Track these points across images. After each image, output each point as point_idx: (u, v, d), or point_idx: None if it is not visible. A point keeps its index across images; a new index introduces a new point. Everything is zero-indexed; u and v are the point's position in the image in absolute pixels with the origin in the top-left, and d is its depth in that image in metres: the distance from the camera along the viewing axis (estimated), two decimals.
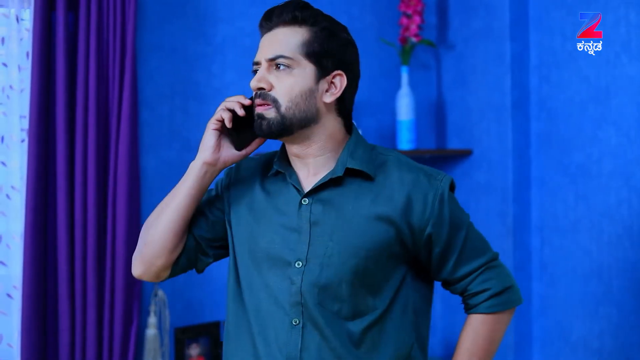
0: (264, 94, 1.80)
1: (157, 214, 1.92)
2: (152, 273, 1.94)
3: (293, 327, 1.81)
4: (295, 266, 1.82)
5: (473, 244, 1.91)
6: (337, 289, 1.81)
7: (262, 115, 1.81)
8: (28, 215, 3.09)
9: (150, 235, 1.90)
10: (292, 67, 1.80)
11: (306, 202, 1.84)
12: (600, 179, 3.21)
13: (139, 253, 1.93)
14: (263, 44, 1.84)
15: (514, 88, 3.51)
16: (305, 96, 1.81)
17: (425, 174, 1.88)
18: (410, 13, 3.75)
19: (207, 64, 3.56)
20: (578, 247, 3.31)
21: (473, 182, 3.72)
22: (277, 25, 1.83)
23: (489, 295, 1.90)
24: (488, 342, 1.92)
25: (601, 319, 3.20)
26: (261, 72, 1.82)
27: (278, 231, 1.85)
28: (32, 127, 3.10)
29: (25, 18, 3.20)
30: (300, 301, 1.81)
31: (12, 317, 3.19)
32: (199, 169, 1.88)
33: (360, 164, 1.85)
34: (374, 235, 1.82)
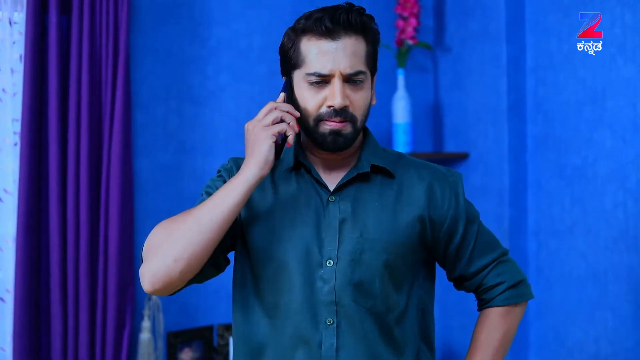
0: (345, 112, 1.75)
1: (192, 227, 1.72)
2: (170, 287, 1.76)
3: (327, 326, 1.79)
4: (327, 265, 1.79)
5: (486, 238, 1.94)
6: (370, 285, 1.81)
7: (339, 131, 1.75)
8: (20, 218, 3.08)
9: (185, 250, 1.71)
10: (364, 81, 1.78)
11: (333, 200, 1.83)
12: (596, 182, 3.19)
13: (163, 268, 1.72)
14: (334, 55, 1.74)
15: (510, 90, 3.49)
16: (369, 106, 1.83)
17: (438, 170, 1.93)
18: (406, 15, 3.74)
19: (202, 66, 3.55)
20: (574, 251, 3.29)
21: (469, 186, 3.70)
22: (343, 32, 1.75)
23: (505, 288, 1.92)
24: (504, 335, 1.93)
25: (597, 323, 3.18)
26: (341, 88, 1.73)
27: (305, 230, 1.81)
28: (24, 130, 3.09)
29: (18, 21, 3.19)
30: (335, 300, 1.79)
31: (4, 320, 3.18)
32: (255, 183, 1.73)
33: (383, 162, 1.87)
34: (402, 230, 1.83)
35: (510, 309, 1.93)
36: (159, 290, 1.76)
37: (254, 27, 3.65)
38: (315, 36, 1.76)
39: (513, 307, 1.94)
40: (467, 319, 3.68)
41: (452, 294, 3.82)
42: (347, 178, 1.84)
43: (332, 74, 1.74)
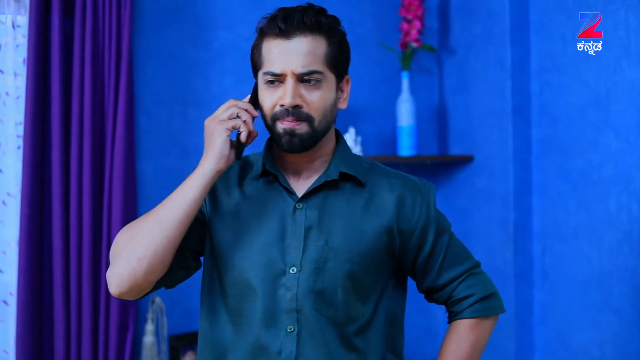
0: (297, 112, 1.73)
1: (153, 225, 1.73)
2: (137, 290, 1.76)
3: (288, 334, 1.78)
4: (290, 272, 1.78)
5: (456, 250, 1.92)
6: (332, 294, 1.79)
7: (292, 131, 1.74)
8: (23, 222, 3.08)
9: (147, 249, 1.71)
10: (321, 80, 1.76)
11: (300, 207, 1.81)
12: (601, 185, 3.17)
13: (128, 269, 1.72)
14: (285, 54, 1.74)
15: (514, 93, 3.47)
16: (331, 107, 1.80)
17: (411, 181, 1.90)
18: (410, 18, 3.73)
19: (206, 70, 3.55)
20: (578, 254, 3.27)
21: (474, 189, 3.69)
22: (298, 31, 1.74)
23: (474, 301, 1.90)
24: (472, 348, 1.91)
25: (602, 327, 3.16)
26: (293, 88, 1.73)
27: (270, 237, 1.80)
28: (27, 133, 3.09)
29: (21, 24, 3.20)
30: (297, 307, 1.77)
31: (8, 323, 3.19)
32: (211, 178, 1.74)
33: (353, 170, 1.85)
34: (367, 240, 1.81)
35: (479, 321, 1.91)
36: (126, 292, 1.76)
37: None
38: (271, 36, 1.76)
39: (483, 320, 1.92)
40: None
41: None
42: (315, 185, 1.82)
43: (284, 73, 1.74)
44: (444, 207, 3.89)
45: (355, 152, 3.64)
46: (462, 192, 3.76)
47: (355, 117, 3.80)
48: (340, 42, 1.81)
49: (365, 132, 3.82)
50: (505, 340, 3.47)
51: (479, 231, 3.66)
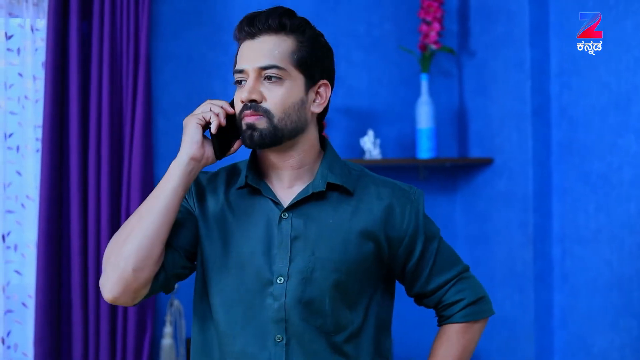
0: (255, 105, 1.73)
1: (135, 222, 1.73)
2: (130, 292, 1.73)
3: (277, 343, 1.76)
4: (277, 282, 1.77)
5: (445, 256, 1.91)
6: (320, 304, 1.78)
7: (253, 125, 1.74)
8: (42, 224, 3.11)
9: (132, 246, 1.70)
10: (283, 77, 1.74)
11: (286, 217, 1.80)
12: (621, 188, 3.14)
13: (117, 271, 1.71)
14: (248, 52, 1.76)
15: (534, 95, 3.45)
16: (296, 107, 1.77)
17: (400, 188, 1.89)
18: (429, 20, 3.71)
19: (224, 73, 3.55)
20: (599, 258, 3.24)
21: (494, 192, 3.67)
22: (262, 32, 1.75)
23: (464, 305, 1.90)
24: (462, 351, 1.90)
25: (622, 331, 3.13)
26: (251, 83, 1.73)
27: (257, 246, 1.79)
28: (45, 136, 3.12)
29: (40, 28, 3.22)
30: (285, 317, 1.76)
31: (26, 325, 3.21)
32: (186, 165, 1.74)
33: (340, 179, 1.83)
34: (355, 249, 1.80)
35: (469, 325, 1.91)
36: (119, 297, 1.74)
37: None
38: (241, 39, 1.79)
39: (472, 324, 1.91)
40: (493, 327, 3.65)
41: None
42: (301, 196, 1.80)
43: (246, 70, 1.75)
44: (464, 210, 3.87)
45: (374, 155, 3.65)
46: (482, 195, 3.74)
47: (374, 119, 3.79)
48: (312, 43, 1.79)
49: (385, 135, 3.81)
50: (525, 343, 3.44)
51: (499, 234, 3.63)
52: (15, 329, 3.21)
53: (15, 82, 3.22)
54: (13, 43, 3.23)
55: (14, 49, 3.22)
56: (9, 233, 3.19)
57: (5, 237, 3.17)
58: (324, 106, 1.83)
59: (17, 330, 3.21)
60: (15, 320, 3.21)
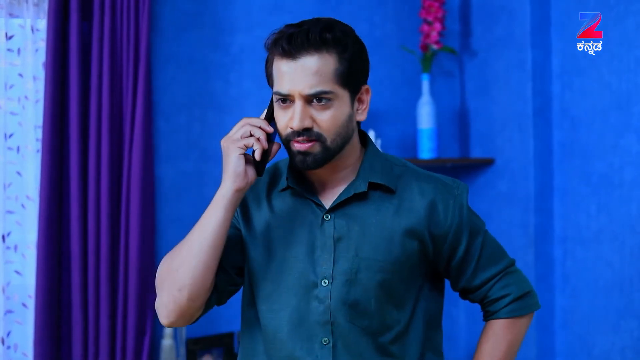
0: (308, 132, 1.70)
1: (186, 254, 1.74)
2: (187, 317, 1.78)
3: (323, 346, 1.76)
4: (322, 284, 1.77)
5: (491, 250, 1.90)
6: (366, 305, 1.78)
7: (305, 152, 1.71)
8: (41, 224, 3.10)
9: (185, 277, 1.73)
10: (332, 99, 1.70)
11: (328, 218, 1.79)
12: (622, 189, 3.13)
13: (171, 299, 1.74)
14: (291, 75, 1.69)
15: (535, 95, 3.44)
16: (346, 124, 1.74)
17: (443, 183, 1.86)
18: (431, 20, 3.71)
19: (225, 74, 3.55)
20: (600, 259, 3.23)
21: (495, 192, 3.66)
22: (303, 51, 1.69)
23: (510, 301, 1.88)
24: (509, 347, 1.89)
25: (623, 332, 3.12)
26: (300, 110, 1.69)
27: (300, 250, 1.79)
28: (45, 137, 3.11)
29: (40, 28, 3.22)
30: (330, 320, 1.76)
31: (27, 326, 3.21)
32: (232, 197, 1.74)
33: (382, 178, 1.81)
34: (399, 248, 1.78)
35: (515, 320, 1.89)
36: (176, 321, 1.78)
37: None
38: (277, 56, 1.72)
39: (518, 319, 1.90)
40: None
41: None
42: (343, 197, 1.79)
43: (292, 94, 1.70)
44: None
45: None
46: (483, 196, 3.73)
47: (376, 119, 3.79)
48: (353, 55, 1.74)
49: (386, 135, 3.80)
50: (526, 344, 3.43)
51: (500, 235, 3.61)
52: (15, 329, 3.20)
53: (16, 83, 3.21)
54: (13, 43, 3.22)
55: (15, 49, 3.22)
56: (9, 233, 3.19)
57: (6, 237, 3.17)
58: (367, 111, 1.81)
59: (17, 330, 3.21)
60: (15, 320, 3.21)
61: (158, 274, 1.80)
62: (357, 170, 1.83)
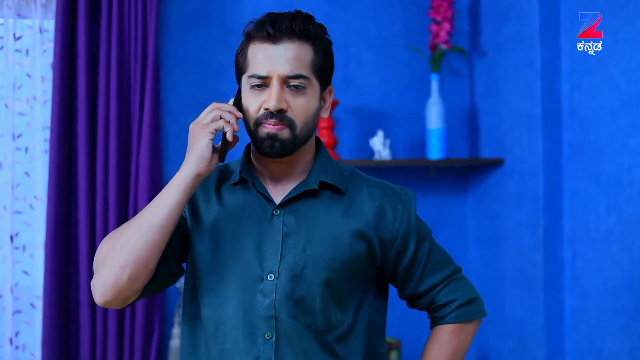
0: (281, 115, 1.72)
1: (134, 233, 1.72)
2: (122, 298, 1.74)
3: (266, 341, 1.76)
4: (268, 279, 1.76)
5: (437, 257, 1.90)
6: (310, 302, 1.77)
7: (275, 135, 1.72)
8: (49, 225, 3.11)
9: (129, 256, 1.70)
10: (306, 87, 1.74)
11: (278, 214, 1.79)
12: (632, 189, 3.11)
13: (111, 277, 1.71)
14: (271, 57, 1.72)
15: (544, 95, 3.42)
16: (314, 116, 1.78)
17: (392, 189, 1.89)
18: (439, 20, 3.69)
19: (233, 75, 3.51)
20: (609, 260, 3.21)
21: (505, 192, 3.64)
22: (285, 37, 1.73)
23: (456, 306, 1.89)
24: (454, 352, 1.89)
25: (632, 334, 3.10)
26: (278, 91, 1.71)
27: (247, 243, 1.78)
28: (53, 137, 3.12)
29: (48, 29, 3.23)
30: (274, 314, 1.76)
31: (35, 326, 3.22)
32: (191, 181, 1.71)
33: (333, 178, 1.83)
34: (346, 248, 1.79)
35: (461, 326, 1.89)
36: (111, 301, 1.75)
37: None
38: (258, 41, 1.75)
39: (465, 325, 1.90)
40: (503, 329, 3.62)
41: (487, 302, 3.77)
42: (294, 193, 1.80)
43: (270, 76, 1.72)
44: (474, 211, 3.85)
45: (384, 156, 3.63)
46: (493, 196, 3.71)
47: (384, 120, 3.78)
48: (326, 50, 1.80)
49: (394, 136, 3.79)
50: (535, 345, 3.42)
51: (509, 235, 3.61)
52: (24, 329, 3.22)
53: (24, 83, 3.23)
54: (22, 44, 3.24)
55: (23, 50, 3.23)
56: (17, 234, 3.20)
57: (14, 237, 3.18)
58: (329, 111, 1.84)
59: (25, 330, 3.22)
60: (24, 320, 3.22)
61: (98, 252, 1.77)
62: (309, 169, 1.85)
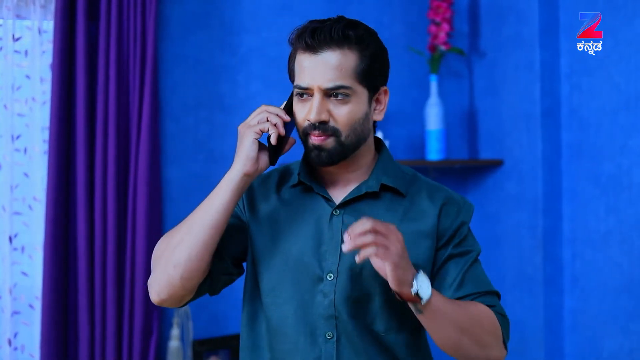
0: (323, 126, 1.72)
1: (186, 232, 1.74)
2: (178, 297, 1.78)
3: (327, 340, 1.76)
4: (327, 279, 1.76)
5: (480, 273, 1.83)
6: (369, 302, 1.77)
7: (319, 146, 1.73)
8: (48, 226, 3.11)
9: (181, 255, 1.73)
10: (350, 95, 1.72)
11: (337, 213, 1.80)
12: (631, 190, 3.10)
13: (165, 276, 1.75)
14: (312, 69, 1.72)
15: (543, 96, 3.42)
16: (362, 121, 1.76)
17: (452, 195, 1.88)
18: (439, 21, 3.69)
19: (233, 75, 3.55)
20: (609, 261, 3.20)
21: (504, 194, 3.64)
22: (325, 46, 1.72)
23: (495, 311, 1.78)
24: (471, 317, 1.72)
25: (632, 335, 3.10)
26: (318, 103, 1.71)
27: (307, 243, 1.79)
28: (52, 138, 3.12)
29: (47, 30, 3.22)
30: (335, 314, 1.76)
31: (33, 327, 3.21)
32: (239, 181, 1.74)
33: (394, 181, 1.82)
34: (406, 247, 1.72)
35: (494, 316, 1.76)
36: (166, 300, 1.78)
37: (285, 35, 3.57)
38: (300, 50, 1.75)
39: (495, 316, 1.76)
40: None
41: None
42: (354, 194, 1.80)
43: (311, 87, 1.72)
44: (474, 212, 3.84)
45: None
46: (492, 197, 3.71)
47: (383, 121, 3.77)
48: (374, 54, 1.76)
49: (394, 136, 3.79)
50: (535, 346, 3.41)
51: (509, 237, 3.61)
52: (22, 330, 3.21)
53: (23, 84, 3.22)
54: (21, 45, 3.23)
55: (22, 50, 3.22)
56: (16, 235, 3.19)
57: (13, 238, 3.17)
58: (384, 112, 1.83)
59: (24, 331, 3.21)
60: (22, 321, 3.21)
61: (155, 251, 1.81)
62: (370, 171, 1.84)
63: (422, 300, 1.62)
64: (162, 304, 1.79)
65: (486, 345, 1.73)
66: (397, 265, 1.58)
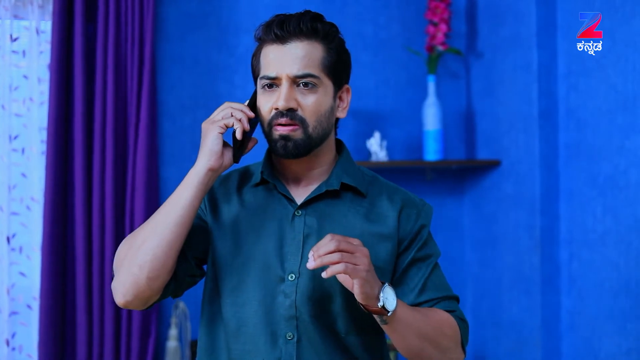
0: (291, 114, 1.73)
1: (150, 232, 1.72)
2: (144, 298, 1.74)
3: (288, 341, 1.75)
4: (289, 279, 1.76)
5: (440, 278, 1.85)
6: (330, 303, 1.77)
7: (287, 136, 1.73)
8: (46, 226, 3.11)
9: (146, 255, 1.70)
10: (317, 85, 1.75)
11: (299, 214, 1.80)
12: (628, 190, 3.11)
13: (130, 277, 1.71)
14: (280, 58, 1.73)
15: (541, 97, 3.42)
16: (327, 114, 1.78)
17: (412, 197, 1.89)
18: (436, 21, 3.70)
19: (230, 75, 3.55)
20: (606, 261, 3.21)
21: (501, 194, 3.64)
22: (293, 37, 1.74)
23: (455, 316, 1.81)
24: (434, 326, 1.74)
25: (629, 335, 3.10)
26: (286, 89, 1.72)
27: (269, 244, 1.78)
28: (50, 139, 3.12)
29: (45, 30, 3.23)
30: (296, 315, 1.75)
31: (31, 327, 3.21)
32: (204, 176, 1.72)
33: (354, 180, 1.84)
34: (368, 249, 1.73)
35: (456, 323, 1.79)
36: (132, 302, 1.75)
37: None
38: (268, 43, 1.77)
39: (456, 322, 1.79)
40: (500, 331, 3.62)
41: (484, 304, 3.77)
42: (315, 194, 1.80)
43: (279, 76, 1.73)
44: (471, 212, 3.85)
45: (381, 157, 3.63)
46: (489, 198, 3.71)
47: (381, 121, 3.78)
48: (338, 49, 1.80)
49: (391, 137, 3.79)
50: (532, 347, 3.42)
51: (506, 237, 3.61)
52: (20, 330, 3.21)
53: (21, 84, 3.22)
54: (18, 45, 3.23)
55: (20, 51, 3.23)
56: (14, 235, 3.19)
57: (11, 239, 3.17)
58: (347, 110, 1.85)
59: (21, 332, 3.22)
60: (20, 322, 3.22)
61: (117, 253, 1.77)
62: (330, 171, 1.85)
63: (388, 312, 1.63)
64: (127, 306, 1.76)
65: (446, 350, 1.77)
66: (365, 280, 1.59)
